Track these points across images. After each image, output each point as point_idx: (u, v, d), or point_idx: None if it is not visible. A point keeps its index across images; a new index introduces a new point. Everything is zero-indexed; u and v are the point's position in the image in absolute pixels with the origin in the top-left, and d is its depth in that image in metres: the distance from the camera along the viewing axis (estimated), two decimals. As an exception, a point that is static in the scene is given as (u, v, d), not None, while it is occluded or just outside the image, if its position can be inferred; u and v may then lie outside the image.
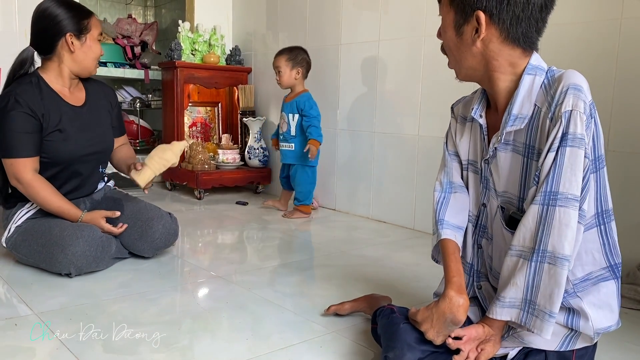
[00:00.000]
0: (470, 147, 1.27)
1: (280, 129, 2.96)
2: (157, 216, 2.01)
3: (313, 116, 2.82)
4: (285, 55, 2.83)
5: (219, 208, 3.11)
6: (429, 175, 2.61)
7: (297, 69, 2.84)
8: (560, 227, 1.01)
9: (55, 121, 1.88)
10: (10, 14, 3.05)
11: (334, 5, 3.05)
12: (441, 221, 1.25)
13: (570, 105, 1.01)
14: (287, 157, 2.93)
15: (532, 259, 1.05)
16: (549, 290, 1.03)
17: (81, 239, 1.77)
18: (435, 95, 2.56)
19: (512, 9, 1.05)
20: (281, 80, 2.86)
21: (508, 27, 1.07)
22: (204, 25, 3.68)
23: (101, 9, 4.78)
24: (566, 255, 1.02)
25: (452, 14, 1.12)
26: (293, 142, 2.89)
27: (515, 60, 1.10)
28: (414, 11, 2.61)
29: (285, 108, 2.92)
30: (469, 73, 1.16)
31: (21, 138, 1.81)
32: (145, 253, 2.02)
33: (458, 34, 1.12)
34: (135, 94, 4.26)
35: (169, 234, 2.03)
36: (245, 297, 1.69)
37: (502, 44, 1.09)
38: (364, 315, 1.54)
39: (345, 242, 2.49)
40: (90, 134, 1.99)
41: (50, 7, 1.87)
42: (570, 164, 1.01)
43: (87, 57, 1.93)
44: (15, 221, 1.93)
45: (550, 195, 1.02)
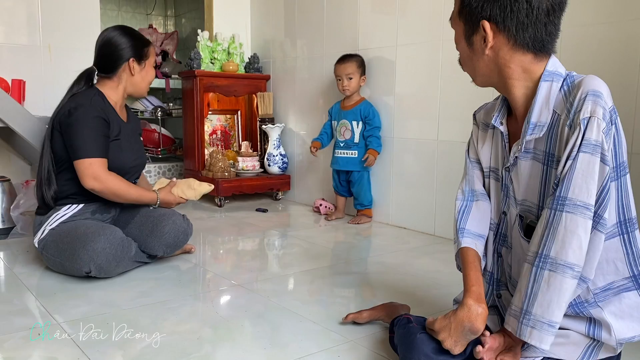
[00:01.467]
0: (492, 155, 1.26)
1: (341, 136, 2.95)
2: (169, 214, 2.08)
3: (376, 126, 2.86)
4: (356, 62, 2.85)
5: (239, 215, 3.13)
6: (449, 180, 2.59)
7: (363, 77, 2.89)
8: (565, 234, 0.99)
9: (115, 131, 2.05)
10: (34, 29, 3.12)
11: (352, 11, 3.06)
12: (462, 230, 1.24)
13: (588, 112, 0.99)
14: (349, 163, 2.94)
15: (534, 264, 1.03)
16: (547, 299, 1.01)
17: (103, 237, 1.84)
18: (455, 100, 2.54)
19: (515, 16, 1.05)
20: (350, 87, 2.86)
21: (515, 33, 1.06)
22: (222, 34, 3.72)
23: (122, 20, 4.87)
24: (570, 262, 0.99)
25: (461, 26, 1.14)
26: (356, 150, 2.91)
27: (528, 66, 1.09)
28: (432, 16, 2.60)
29: (346, 115, 2.93)
30: (484, 80, 1.16)
31: (99, 140, 1.96)
32: (157, 251, 2.04)
33: (469, 44, 1.13)
34: (157, 102, 4.32)
35: (178, 231, 2.06)
36: (265, 305, 1.70)
37: (512, 50, 1.08)
38: (382, 323, 1.53)
39: (364, 248, 2.48)
40: (136, 147, 2.16)
41: (115, 36, 2.07)
42: (582, 170, 0.99)
43: (144, 80, 2.13)
44: (50, 223, 1.99)
45: (559, 200, 1.01)
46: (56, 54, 3.09)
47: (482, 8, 1.07)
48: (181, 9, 5.03)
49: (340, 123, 2.97)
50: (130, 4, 4.93)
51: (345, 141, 2.95)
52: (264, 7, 3.79)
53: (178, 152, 4.27)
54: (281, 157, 3.54)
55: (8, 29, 3.05)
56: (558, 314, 1.01)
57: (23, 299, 1.74)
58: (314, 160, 3.41)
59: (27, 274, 1.98)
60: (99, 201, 2.06)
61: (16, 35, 3.08)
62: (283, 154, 3.56)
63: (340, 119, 2.96)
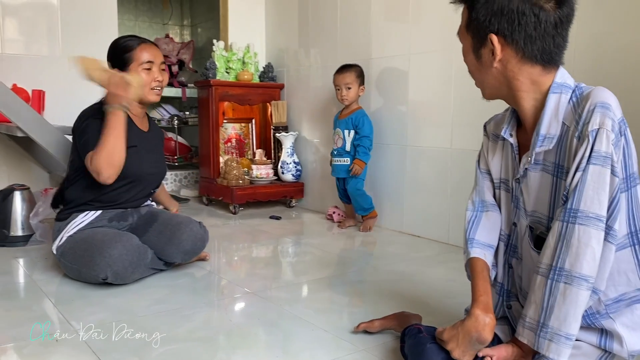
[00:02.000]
0: (502, 166, 1.27)
1: (335, 144, 3.02)
2: (186, 221, 2.10)
3: (364, 135, 2.88)
4: (354, 72, 2.89)
5: (253, 222, 3.16)
6: (463, 188, 2.58)
7: (362, 86, 2.92)
8: (579, 246, 0.99)
9: (129, 141, 2.00)
10: (54, 40, 3.20)
11: (364, 20, 3.08)
12: (471, 240, 1.25)
13: (597, 124, 0.99)
14: (342, 171, 2.98)
15: (549, 276, 1.03)
16: (563, 311, 1.01)
17: (119, 243, 1.87)
18: (468, 108, 2.55)
19: (523, 29, 1.05)
20: (349, 96, 2.90)
21: (523, 46, 1.07)
22: (237, 43, 3.76)
23: (139, 30, 4.95)
24: (584, 275, 0.99)
25: (469, 39, 1.15)
26: (348, 157, 2.95)
27: (537, 78, 1.09)
28: (445, 24, 2.61)
29: (340, 124, 2.98)
30: (493, 92, 1.17)
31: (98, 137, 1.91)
32: (175, 258, 2.07)
33: (477, 57, 1.14)
34: (173, 111, 4.38)
35: (196, 239, 2.08)
36: (277, 313, 1.72)
37: (520, 63, 1.09)
38: (394, 333, 1.53)
39: (377, 257, 2.48)
40: (154, 156, 2.20)
41: (110, 46, 2.10)
42: (593, 182, 0.99)
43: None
44: (69, 231, 2.03)
45: (571, 212, 1.01)
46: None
47: (489, 22, 1.08)
48: (197, 19, 5.10)
49: (335, 131, 3.04)
50: (147, 14, 5.01)
51: (337, 149, 3.01)
52: (278, 17, 3.83)
53: (194, 160, 4.32)
54: (295, 165, 3.57)
55: (29, 39, 3.13)
56: (575, 326, 1.01)
57: (41, 306, 1.78)
58: (327, 168, 3.43)
59: (46, 280, 2.02)
60: (117, 209, 2.10)
61: (36, 46, 3.16)
62: (297, 161, 3.58)
63: (336, 127, 3.03)
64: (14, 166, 3.15)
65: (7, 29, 3.07)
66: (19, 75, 3.05)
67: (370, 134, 2.91)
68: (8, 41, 3.07)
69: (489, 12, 1.08)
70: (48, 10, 3.17)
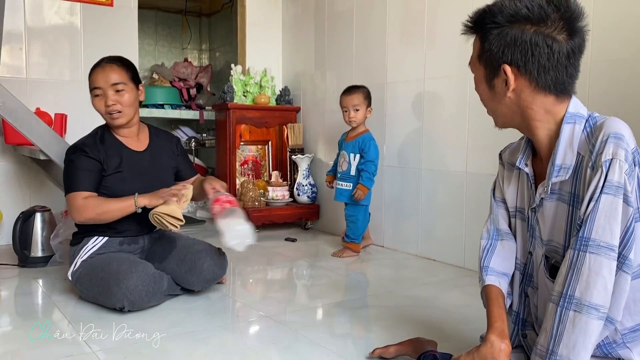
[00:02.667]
0: (518, 195, 1.27)
1: (340, 168, 2.96)
2: (206, 250, 2.11)
3: (369, 160, 2.81)
4: (362, 93, 2.83)
5: (268, 245, 3.17)
6: (478, 212, 2.58)
7: (369, 108, 2.87)
8: (589, 275, 1.00)
9: (115, 164, 2.07)
10: (76, 64, 3.28)
11: (380, 44, 3.12)
12: (485, 268, 1.26)
13: (610, 154, 1.00)
14: (343, 195, 2.92)
15: (559, 304, 1.03)
16: (572, 340, 1.01)
17: (135, 274, 1.87)
18: (483, 132, 2.55)
19: (537, 60, 1.07)
20: (356, 118, 2.83)
21: (536, 76, 1.08)
22: (255, 67, 3.83)
23: (159, 54, 5.06)
24: (594, 303, 0.99)
25: (481, 70, 1.16)
26: (351, 182, 2.88)
27: (550, 108, 1.10)
28: (460, 48, 2.62)
29: (346, 147, 2.92)
30: (506, 121, 1.18)
31: (79, 174, 2.00)
32: (195, 287, 2.09)
33: (490, 87, 1.15)
34: (191, 133, 4.44)
35: (216, 267, 2.10)
36: (292, 338, 1.72)
37: (533, 93, 1.10)
38: (409, 359, 1.53)
39: (393, 281, 2.48)
40: (146, 176, 2.13)
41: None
42: (605, 211, 0.99)
43: (98, 112, 2.10)
44: (82, 256, 2.06)
45: (582, 241, 1.01)
46: (96, 89, 3.22)
47: (502, 53, 1.09)
48: (215, 44, 5.19)
49: (340, 154, 2.97)
50: (167, 39, 5.12)
51: (342, 172, 2.93)
52: (295, 41, 3.90)
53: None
54: (310, 187, 3.59)
55: (52, 63, 3.22)
56: (584, 355, 1.00)
57: (60, 327, 1.80)
58: (343, 190, 3.44)
59: (65, 302, 2.05)
60: (124, 234, 2.11)
61: (59, 70, 3.24)
62: (312, 183, 3.60)
63: (341, 149, 2.97)
64: (35, 188, 3.22)
65: (32, 53, 3.16)
66: (42, 99, 3.13)
67: (376, 159, 2.84)
68: (32, 65, 3.16)
69: (502, 44, 1.09)
70: (72, 34, 3.26)
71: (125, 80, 2.07)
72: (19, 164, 3.18)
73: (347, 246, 2.91)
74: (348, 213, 2.92)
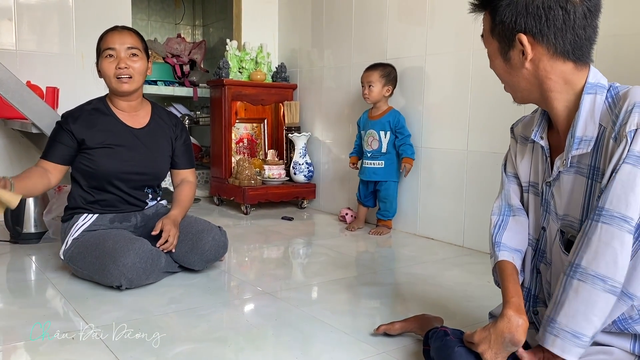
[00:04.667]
0: (532, 169, 1.24)
1: (368, 147, 2.92)
2: (207, 229, 2.06)
3: (407, 134, 2.83)
4: (379, 71, 2.82)
5: (265, 223, 3.13)
6: (478, 191, 2.56)
7: (387, 87, 2.85)
8: (598, 244, 0.97)
9: (102, 138, 2.00)
10: (67, 37, 3.19)
11: (380, 20, 3.06)
12: (497, 244, 1.23)
13: (635, 124, 0.96)
14: (376, 174, 2.90)
15: (565, 272, 1.01)
16: (573, 308, 0.99)
17: (132, 251, 1.82)
18: (484, 110, 2.52)
19: (552, 24, 1.02)
20: (370, 95, 2.84)
21: (554, 41, 1.04)
22: (250, 43, 3.75)
23: (152, 29, 4.96)
24: (600, 274, 0.97)
25: (495, 44, 1.11)
26: (383, 160, 2.88)
27: (569, 77, 1.06)
28: (461, 25, 2.58)
29: (374, 125, 2.90)
30: (525, 95, 1.14)
31: (52, 144, 2.00)
32: (196, 266, 2.05)
33: (506, 60, 1.11)
34: (184, 111, 4.37)
35: (218, 246, 2.06)
36: (294, 314, 1.69)
37: (552, 60, 1.06)
38: (415, 335, 1.50)
39: (392, 259, 2.46)
40: (139, 155, 2.06)
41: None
42: (621, 181, 0.96)
43: (105, 77, 2.02)
44: (72, 234, 2.00)
45: (597, 210, 0.99)
46: (88, 62, 3.14)
47: (515, 22, 1.05)
48: (209, 19, 5.09)
49: (367, 133, 2.95)
50: (160, 14, 5.01)
51: (372, 151, 2.92)
52: (291, 17, 3.82)
53: (205, 160, 4.31)
54: (307, 166, 3.54)
55: (42, 37, 3.13)
56: (585, 325, 0.98)
57: (56, 304, 1.76)
58: (339, 169, 3.41)
59: (59, 278, 2.01)
60: (113, 211, 2.07)
61: (50, 44, 3.15)
62: (309, 162, 3.56)
63: (368, 128, 2.94)
64: (27, 164, 3.14)
65: (22, 27, 3.06)
66: (33, 72, 3.04)
67: (410, 133, 2.84)
68: (22, 39, 3.07)
69: (514, 13, 1.05)
70: (62, 8, 3.17)
71: (140, 48, 2.03)
72: (9, 138, 3.11)
73: (382, 223, 2.91)
74: (384, 192, 2.90)
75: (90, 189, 2.04)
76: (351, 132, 3.30)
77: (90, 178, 2.02)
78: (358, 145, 3.06)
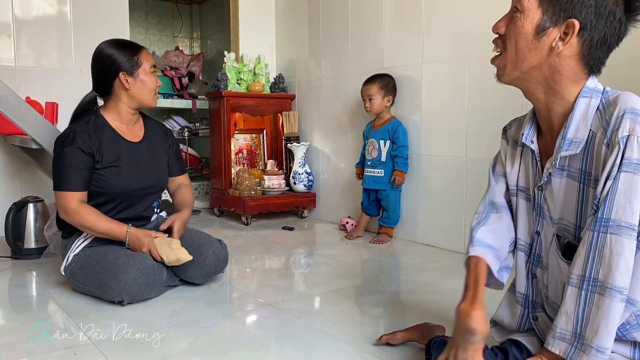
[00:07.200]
0: (521, 173, 1.24)
1: (369, 155, 2.96)
2: (208, 243, 2.06)
3: (403, 145, 2.84)
4: (377, 83, 2.86)
5: (265, 233, 3.14)
6: (478, 197, 2.53)
7: (388, 97, 2.88)
8: (611, 256, 0.97)
9: (111, 157, 1.99)
10: (66, 52, 3.21)
11: (376, 29, 3.08)
12: (472, 239, 1.24)
13: (627, 130, 0.97)
14: (376, 182, 2.92)
15: (583, 287, 1.01)
16: (596, 323, 0.98)
17: (133, 267, 1.82)
18: (482, 116, 2.53)
19: (603, 30, 1.02)
20: (372, 108, 2.88)
21: (594, 45, 1.03)
22: (248, 55, 3.77)
23: (150, 42, 4.98)
24: (617, 286, 0.97)
25: (539, 13, 1.05)
26: (382, 169, 2.90)
27: (577, 80, 1.07)
28: (457, 33, 2.60)
29: (374, 134, 2.93)
30: (521, 77, 1.10)
31: (71, 173, 1.92)
32: (197, 280, 2.05)
33: (537, 32, 1.05)
34: (184, 123, 4.39)
35: (219, 260, 2.06)
36: (296, 325, 1.69)
37: (574, 61, 1.05)
38: (417, 345, 1.50)
39: (393, 267, 2.46)
40: (143, 169, 2.08)
41: (103, 49, 2.01)
42: (624, 190, 0.97)
43: (143, 91, 2.02)
44: (73, 250, 2.00)
45: (602, 222, 0.98)
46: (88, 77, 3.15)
47: (580, 7, 1.01)
48: (207, 32, 5.12)
49: (369, 142, 2.97)
50: (158, 27, 5.04)
51: (372, 160, 2.94)
52: (288, 27, 3.84)
53: (204, 172, 4.32)
54: (307, 175, 3.55)
55: (41, 53, 3.14)
56: (607, 339, 0.98)
57: (58, 319, 1.76)
58: (339, 177, 3.42)
59: (60, 293, 2.01)
60: None
61: (49, 59, 3.17)
62: (308, 172, 3.57)
63: (369, 137, 2.97)
64: (27, 179, 3.15)
65: (21, 42, 3.08)
66: (32, 88, 3.06)
67: (407, 143, 2.87)
68: (21, 55, 3.09)
69: None
70: (61, 24, 3.19)
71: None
72: (9, 154, 3.11)
73: (383, 230, 2.92)
74: (385, 199, 2.91)
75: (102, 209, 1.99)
76: (350, 140, 3.31)
77: (96, 197, 2.00)
78: (363, 156, 3.07)
